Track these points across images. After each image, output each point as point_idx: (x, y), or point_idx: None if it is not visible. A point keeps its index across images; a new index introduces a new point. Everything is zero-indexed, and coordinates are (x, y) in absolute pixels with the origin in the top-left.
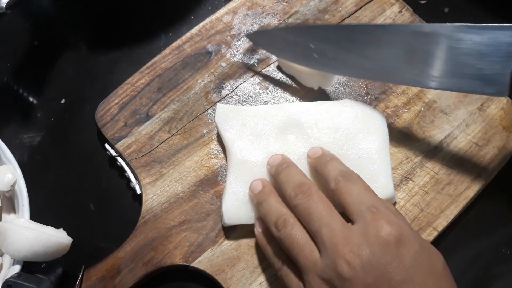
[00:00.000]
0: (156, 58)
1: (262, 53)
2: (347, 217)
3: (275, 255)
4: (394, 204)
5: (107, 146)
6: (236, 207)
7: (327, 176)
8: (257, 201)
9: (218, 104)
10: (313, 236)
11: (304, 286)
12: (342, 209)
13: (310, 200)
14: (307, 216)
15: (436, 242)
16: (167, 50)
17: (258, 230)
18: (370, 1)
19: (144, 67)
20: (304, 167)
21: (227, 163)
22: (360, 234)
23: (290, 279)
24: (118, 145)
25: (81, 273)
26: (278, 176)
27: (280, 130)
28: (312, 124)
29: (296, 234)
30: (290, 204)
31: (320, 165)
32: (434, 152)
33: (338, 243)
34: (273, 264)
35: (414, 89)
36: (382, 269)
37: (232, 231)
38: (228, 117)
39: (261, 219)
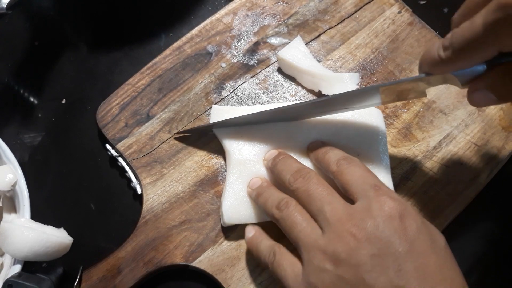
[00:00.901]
0: (157, 58)
1: (262, 54)
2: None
3: (267, 248)
4: None
5: (108, 146)
6: (235, 206)
7: (328, 161)
8: (256, 193)
9: (214, 106)
10: (315, 216)
11: (302, 269)
12: (343, 191)
13: (310, 182)
14: (307, 198)
15: None
16: (167, 51)
17: (248, 236)
18: (370, 2)
19: (145, 67)
20: (303, 164)
21: (226, 163)
22: (363, 210)
23: (284, 268)
24: (119, 145)
25: (79, 274)
26: (275, 167)
27: (279, 129)
28: (311, 124)
29: (299, 214)
30: (290, 189)
31: (321, 154)
32: (433, 152)
33: (342, 218)
34: (265, 258)
35: None
36: (386, 240)
37: (232, 231)
38: (223, 118)
39: (252, 226)
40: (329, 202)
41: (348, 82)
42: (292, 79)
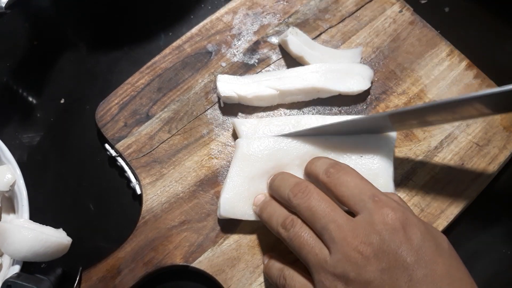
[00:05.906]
0: (156, 58)
1: (262, 53)
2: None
3: (277, 272)
4: None
5: (107, 146)
6: (233, 200)
7: (315, 171)
8: (259, 209)
9: (219, 76)
10: (320, 234)
11: None
12: (339, 203)
13: (311, 198)
14: (311, 216)
15: None
16: (167, 50)
17: (264, 263)
18: (371, 1)
19: (144, 67)
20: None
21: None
22: (366, 224)
23: None
24: (118, 145)
25: (78, 275)
26: (273, 184)
27: (287, 128)
28: (317, 123)
29: (306, 233)
30: (291, 205)
31: (309, 165)
32: (434, 152)
33: (347, 236)
34: (277, 283)
35: (415, 89)
36: (394, 253)
37: (232, 231)
38: (229, 88)
39: (267, 254)
40: (332, 220)
41: (352, 58)
42: None
